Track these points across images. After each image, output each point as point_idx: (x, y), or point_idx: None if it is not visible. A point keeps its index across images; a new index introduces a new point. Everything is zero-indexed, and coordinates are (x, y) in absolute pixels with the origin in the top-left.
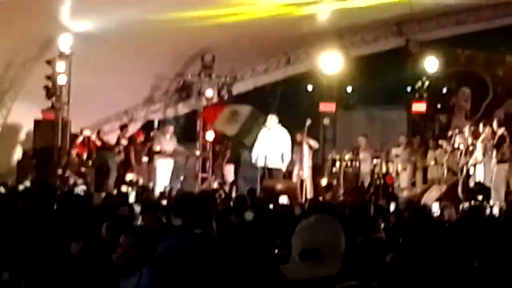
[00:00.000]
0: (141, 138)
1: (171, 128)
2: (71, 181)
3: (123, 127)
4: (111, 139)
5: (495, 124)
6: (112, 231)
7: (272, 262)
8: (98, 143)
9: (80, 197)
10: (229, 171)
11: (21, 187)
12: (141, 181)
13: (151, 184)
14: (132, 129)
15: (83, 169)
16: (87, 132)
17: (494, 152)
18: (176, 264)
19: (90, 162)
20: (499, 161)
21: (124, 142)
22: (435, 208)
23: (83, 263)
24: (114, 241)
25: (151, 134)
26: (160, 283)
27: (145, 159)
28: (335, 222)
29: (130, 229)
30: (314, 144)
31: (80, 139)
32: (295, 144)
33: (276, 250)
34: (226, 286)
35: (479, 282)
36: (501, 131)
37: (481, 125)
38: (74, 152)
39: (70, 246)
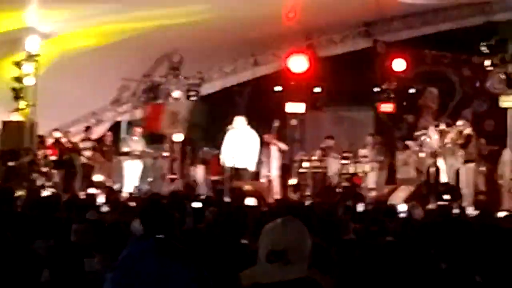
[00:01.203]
0: (107, 139)
1: (139, 130)
2: (39, 183)
3: (87, 129)
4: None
5: (461, 124)
6: (81, 234)
7: (237, 265)
8: (68, 145)
9: (47, 199)
10: (199, 171)
11: None
12: (109, 183)
13: (118, 186)
14: (100, 130)
15: (52, 171)
16: (57, 134)
17: (461, 152)
18: (137, 269)
19: (59, 164)
20: (466, 161)
21: (84, 144)
22: (402, 208)
23: (54, 265)
24: (84, 244)
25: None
26: None
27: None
28: (301, 225)
29: (101, 232)
30: (284, 146)
31: (50, 141)
32: (263, 145)
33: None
34: None
35: (446, 284)
36: (467, 130)
37: (442, 125)
38: (41, 154)
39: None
